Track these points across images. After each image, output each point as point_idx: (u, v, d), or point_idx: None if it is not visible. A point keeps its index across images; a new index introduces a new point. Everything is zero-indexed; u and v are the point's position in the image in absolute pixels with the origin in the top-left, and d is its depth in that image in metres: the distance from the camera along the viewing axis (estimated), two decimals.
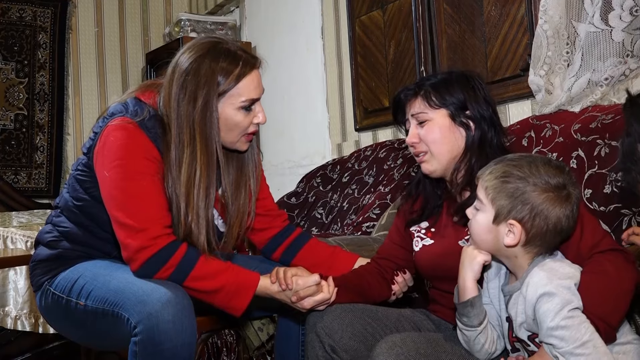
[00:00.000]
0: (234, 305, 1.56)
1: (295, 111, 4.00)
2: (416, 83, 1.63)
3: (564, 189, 1.29)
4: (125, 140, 1.55)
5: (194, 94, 1.58)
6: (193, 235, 1.60)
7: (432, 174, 1.60)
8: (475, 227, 1.36)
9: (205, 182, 1.61)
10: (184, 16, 4.47)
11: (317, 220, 3.07)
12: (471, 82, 1.59)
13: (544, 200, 1.28)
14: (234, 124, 1.63)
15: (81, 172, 1.66)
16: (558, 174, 1.30)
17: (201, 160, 1.59)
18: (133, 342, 1.42)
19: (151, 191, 1.56)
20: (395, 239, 1.77)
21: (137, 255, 1.51)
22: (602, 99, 2.05)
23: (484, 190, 1.33)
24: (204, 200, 1.61)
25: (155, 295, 1.43)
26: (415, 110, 1.59)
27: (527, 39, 2.47)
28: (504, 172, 1.32)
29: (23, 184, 4.45)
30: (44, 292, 1.66)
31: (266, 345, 2.14)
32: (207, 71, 1.58)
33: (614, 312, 1.26)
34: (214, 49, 1.61)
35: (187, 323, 1.44)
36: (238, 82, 1.60)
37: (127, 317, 1.44)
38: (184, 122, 1.59)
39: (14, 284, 2.89)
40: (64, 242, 1.66)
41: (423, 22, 2.96)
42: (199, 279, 1.53)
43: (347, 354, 1.53)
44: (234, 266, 1.59)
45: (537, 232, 1.29)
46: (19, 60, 4.47)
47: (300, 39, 3.94)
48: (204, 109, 1.58)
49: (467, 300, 1.36)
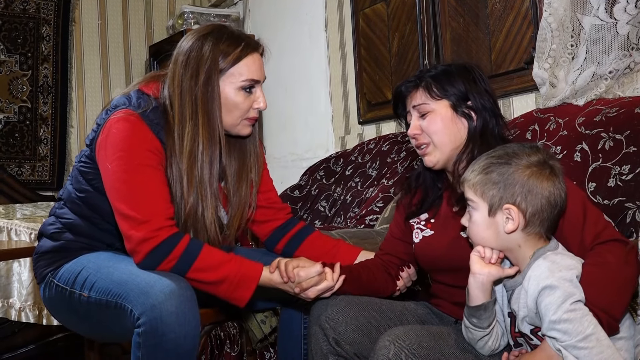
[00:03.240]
0: (238, 296, 1.57)
1: (299, 104, 3.99)
2: (416, 75, 1.63)
3: (545, 163, 1.32)
4: (128, 132, 1.56)
5: (197, 70, 1.61)
6: (195, 213, 1.61)
7: (435, 165, 1.60)
8: (473, 229, 1.37)
9: (209, 156, 1.63)
10: (187, 8, 4.46)
11: (320, 213, 3.07)
12: (471, 73, 1.59)
13: (529, 177, 1.30)
14: (234, 105, 1.64)
15: (84, 164, 1.67)
16: (535, 153, 1.33)
17: (203, 135, 1.61)
18: (136, 334, 1.43)
19: (154, 183, 1.56)
20: (396, 233, 1.77)
21: (140, 247, 1.52)
22: (607, 92, 2.04)
23: (472, 189, 1.35)
24: (207, 174, 1.63)
25: (158, 287, 1.44)
26: (417, 102, 1.59)
27: (531, 31, 2.46)
28: (484, 165, 1.35)
29: (27, 176, 4.45)
30: (47, 283, 1.66)
31: (269, 338, 2.14)
32: (210, 48, 1.62)
33: (616, 304, 1.26)
34: (217, 30, 1.66)
35: (190, 315, 1.44)
36: (239, 61, 1.63)
37: (131, 308, 1.44)
38: (187, 97, 1.61)
39: (18, 276, 2.90)
40: (67, 234, 1.67)
41: (427, 15, 2.95)
42: (202, 270, 1.54)
43: (351, 346, 1.53)
44: (237, 257, 1.59)
45: (533, 210, 1.30)
46: (23, 53, 4.47)
47: (303, 31, 3.93)
48: (206, 84, 1.61)
49: (480, 304, 1.36)
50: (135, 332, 1.43)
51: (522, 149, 1.34)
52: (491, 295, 1.36)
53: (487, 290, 1.34)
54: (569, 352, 1.21)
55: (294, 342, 1.79)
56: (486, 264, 1.33)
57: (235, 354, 2.29)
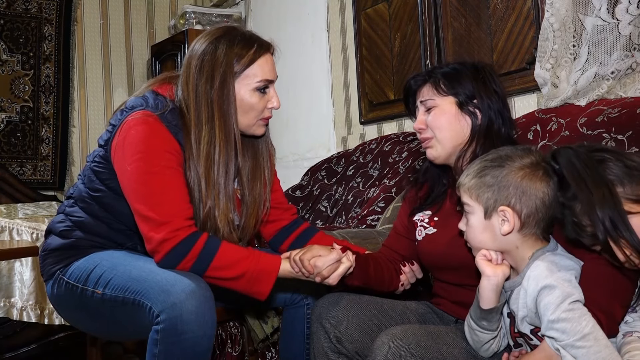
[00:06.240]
0: (258, 290, 1.57)
1: (300, 104, 3.99)
2: (427, 71, 1.66)
3: (539, 165, 1.32)
4: (147, 134, 1.57)
5: (212, 73, 1.62)
6: (213, 215, 1.62)
7: (436, 159, 1.62)
8: (470, 232, 1.37)
9: (225, 159, 1.64)
10: (189, 8, 4.46)
11: (321, 213, 3.07)
12: (481, 73, 1.60)
13: (523, 178, 1.31)
14: (250, 106, 1.66)
15: (98, 164, 1.67)
16: (527, 155, 1.34)
17: (219, 138, 1.62)
18: (154, 331, 1.43)
19: (173, 184, 1.57)
20: (400, 230, 1.78)
21: (159, 247, 1.52)
22: (609, 92, 2.04)
23: (467, 193, 1.36)
24: (223, 176, 1.64)
25: (179, 286, 1.44)
26: (424, 97, 1.62)
27: (533, 32, 2.46)
28: (478, 169, 1.36)
29: (28, 175, 4.46)
30: (56, 280, 1.66)
31: (271, 338, 2.14)
32: (224, 52, 1.62)
33: (615, 304, 1.27)
34: (229, 33, 1.66)
35: (208, 315, 1.45)
36: (253, 63, 1.64)
37: (150, 305, 1.45)
38: (202, 101, 1.62)
39: (19, 275, 2.90)
40: (77, 232, 1.67)
41: (429, 15, 2.95)
42: (220, 269, 1.54)
43: (352, 344, 1.54)
44: (255, 251, 1.59)
45: (528, 211, 1.30)
46: (25, 53, 4.47)
47: (305, 31, 3.94)
48: (221, 87, 1.62)
49: (493, 307, 1.35)
50: (153, 329, 1.44)
51: (515, 152, 1.36)
52: (501, 297, 1.37)
53: (500, 292, 1.35)
54: (567, 351, 1.21)
55: (297, 341, 1.80)
56: (496, 265, 1.34)
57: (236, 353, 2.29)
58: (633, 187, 1.25)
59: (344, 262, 1.56)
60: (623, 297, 1.29)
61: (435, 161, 1.63)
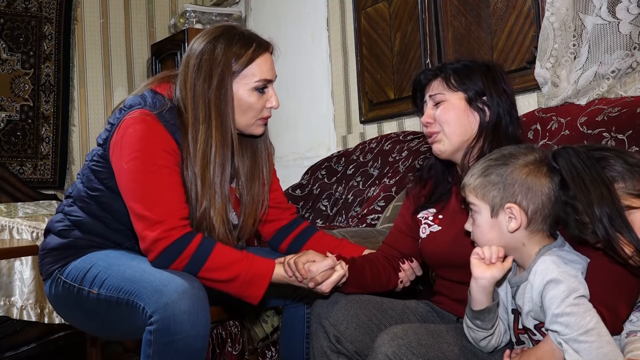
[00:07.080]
0: (250, 294, 1.57)
1: (300, 103, 3.99)
2: (438, 66, 1.67)
3: (542, 162, 1.33)
4: (144, 133, 1.56)
5: (209, 73, 1.61)
6: (209, 215, 1.62)
7: (442, 154, 1.62)
8: (477, 232, 1.38)
9: (221, 159, 1.63)
10: (189, 7, 4.46)
11: (321, 212, 3.07)
12: (492, 72, 1.61)
13: (527, 175, 1.31)
14: (248, 106, 1.65)
15: (96, 163, 1.67)
16: (531, 152, 1.35)
17: (216, 137, 1.62)
18: (148, 331, 1.43)
19: (169, 183, 1.56)
20: (401, 227, 1.78)
21: (153, 246, 1.52)
22: (609, 91, 2.04)
23: (473, 193, 1.37)
24: (219, 176, 1.63)
25: (172, 286, 1.44)
26: (433, 91, 1.62)
27: (533, 31, 2.46)
28: (482, 168, 1.36)
29: (28, 174, 4.45)
30: (54, 280, 1.66)
31: (271, 337, 2.14)
32: (222, 51, 1.62)
33: (621, 302, 1.26)
34: (227, 32, 1.66)
35: (202, 315, 1.44)
36: (252, 62, 1.63)
37: (143, 306, 1.45)
38: (200, 100, 1.62)
39: (19, 274, 2.91)
40: (75, 232, 1.67)
41: (429, 14, 2.95)
42: (213, 270, 1.54)
43: (352, 344, 1.54)
44: (249, 255, 1.59)
45: (535, 207, 1.31)
46: (25, 52, 4.47)
47: (305, 30, 3.93)
48: (219, 87, 1.61)
49: (484, 308, 1.36)
50: (146, 329, 1.44)
51: (518, 150, 1.37)
52: (494, 297, 1.36)
53: (490, 294, 1.35)
54: (569, 345, 1.21)
55: (297, 341, 1.80)
56: (487, 266, 1.33)
57: (236, 352, 2.30)
58: (634, 182, 1.26)
59: (337, 270, 1.55)
60: (629, 295, 1.29)
61: (441, 156, 1.63)
